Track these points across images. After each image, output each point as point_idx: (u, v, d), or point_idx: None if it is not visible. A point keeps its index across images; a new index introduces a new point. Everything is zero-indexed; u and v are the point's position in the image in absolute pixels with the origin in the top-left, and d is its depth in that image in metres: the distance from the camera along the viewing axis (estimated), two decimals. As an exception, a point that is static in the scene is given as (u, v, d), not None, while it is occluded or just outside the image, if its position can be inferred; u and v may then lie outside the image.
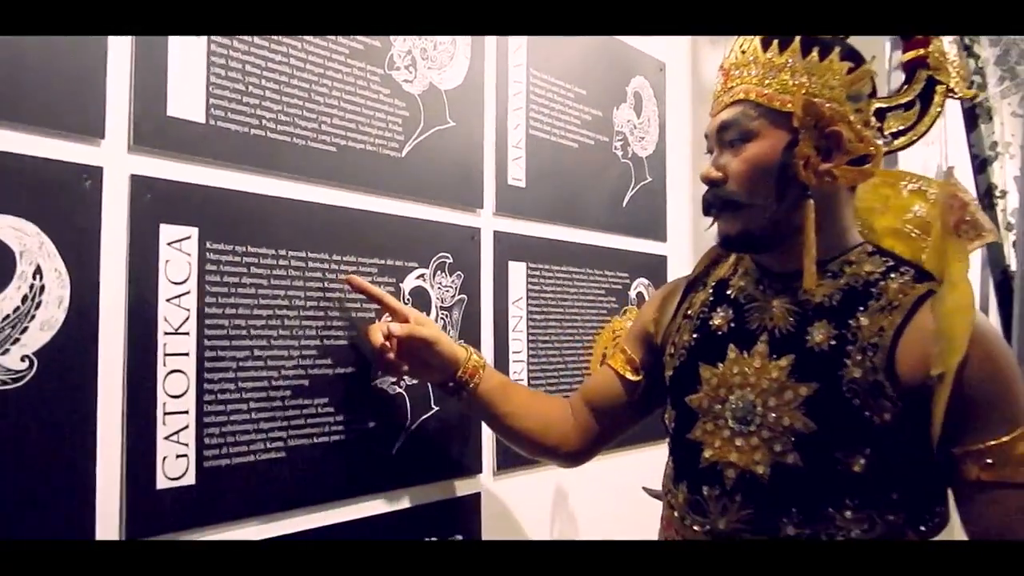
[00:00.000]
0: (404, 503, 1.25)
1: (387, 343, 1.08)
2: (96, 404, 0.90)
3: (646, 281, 1.80)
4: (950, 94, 1.05)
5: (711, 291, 1.07)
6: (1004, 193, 2.14)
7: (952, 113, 2.88)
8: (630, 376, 1.16)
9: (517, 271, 1.50)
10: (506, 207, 1.47)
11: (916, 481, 0.90)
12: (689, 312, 1.08)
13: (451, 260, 1.36)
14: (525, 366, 1.50)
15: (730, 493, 0.94)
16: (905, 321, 0.88)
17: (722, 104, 0.96)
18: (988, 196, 2.11)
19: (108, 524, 0.91)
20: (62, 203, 0.89)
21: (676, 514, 1.02)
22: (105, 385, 0.91)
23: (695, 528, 0.97)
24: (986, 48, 2.19)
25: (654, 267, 1.83)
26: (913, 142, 1.07)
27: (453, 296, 1.36)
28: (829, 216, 0.95)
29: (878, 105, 1.01)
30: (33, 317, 0.85)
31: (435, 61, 1.34)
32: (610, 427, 1.21)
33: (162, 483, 0.95)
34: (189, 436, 0.98)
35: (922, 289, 0.91)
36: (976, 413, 0.84)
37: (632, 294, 1.76)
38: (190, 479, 0.98)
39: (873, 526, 0.89)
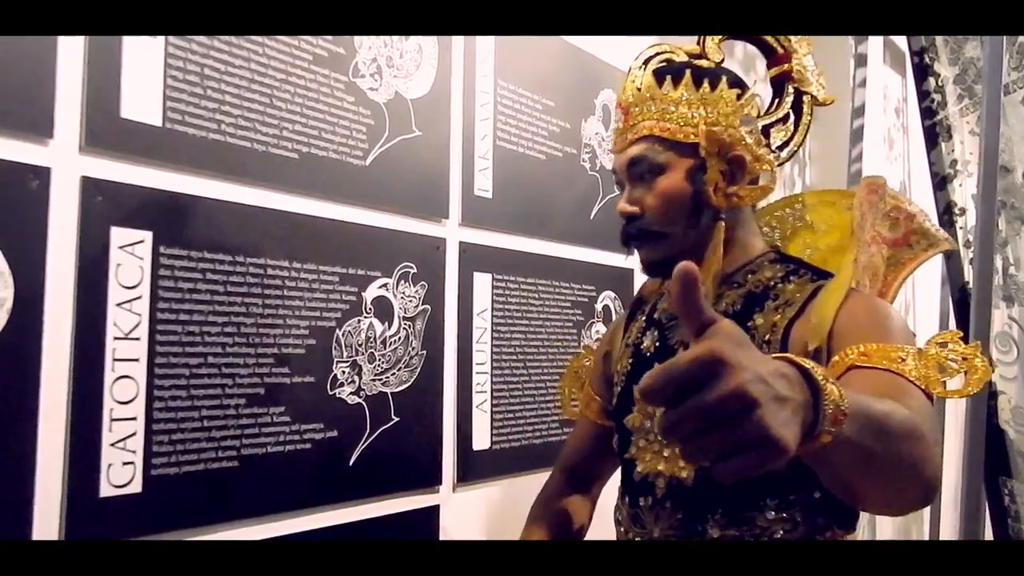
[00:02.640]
0: (361, 515, 1.24)
1: None
2: (38, 408, 0.88)
3: (612, 294, 1.80)
4: (815, 102, 1.13)
5: (644, 317, 1.10)
6: (963, 211, 2.18)
7: (914, 131, 2.95)
8: (602, 422, 1.17)
9: (482, 282, 1.49)
10: (472, 218, 1.47)
11: None
12: (628, 340, 1.11)
13: (415, 270, 1.35)
14: (489, 378, 1.49)
15: (661, 501, 0.97)
16: (796, 316, 0.91)
17: (627, 141, 1.00)
18: (948, 213, 2.15)
19: (46, 531, 0.88)
20: (7, 203, 0.86)
21: (622, 528, 1.05)
22: (48, 389, 0.89)
23: (636, 540, 1.01)
24: (946, 67, 2.24)
25: (621, 280, 1.83)
26: (796, 151, 1.14)
27: (416, 306, 1.35)
28: (735, 232, 1.00)
29: (762, 123, 1.06)
30: (-27, 320, 0.83)
31: (401, 69, 1.33)
32: (602, 475, 1.24)
33: (106, 491, 0.93)
34: (137, 443, 0.96)
35: (815, 285, 0.94)
36: (841, 341, 0.84)
37: (598, 306, 1.76)
38: (136, 487, 0.95)
39: (795, 527, 0.91)
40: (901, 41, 2.85)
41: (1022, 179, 2.04)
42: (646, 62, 1.04)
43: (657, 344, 1.03)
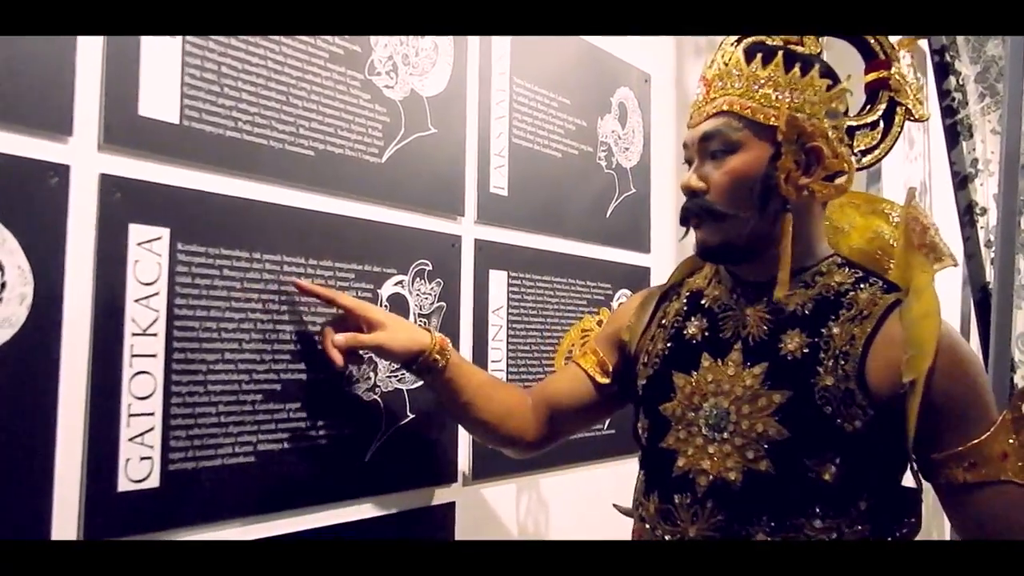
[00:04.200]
0: (376, 511, 1.24)
1: (336, 353, 1.07)
2: (57, 404, 0.89)
3: (629, 292, 1.79)
4: (908, 116, 1.08)
5: (685, 301, 1.07)
6: (984, 210, 2.15)
7: (935, 130, 2.91)
8: (599, 378, 1.15)
9: (498, 280, 1.49)
10: (488, 215, 1.46)
11: (885, 491, 0.92)
12: (663, 321, 1.08)
13: (431, 267, 1.35)
14: (504, 375, 1.48)
15: (701, 501, 0.94)
16: (875, 330, 0.90)
17: (704, 114, 0.96)
18: (968, 213, 2.12)
19: (65, 526, 0.89)
20: (26, 200, 0.87)
21: (647, 526, 1.01)
22: (67, 385, 0.90)
23: (666, 538, 0.97)
24: (967, 66, 2.21)
25: (637, 278, 1.83)
26: (879, 160, 1.10)
27: (432, 303, 1.35)
28: (803, 228, 0.96)
29: (848, 123, 1.02)
30: (-7, 314, 0.83)
31: (417, 67, 1.33)
32: (567, 425, 1.21)
33: (124, 485, 0.93)
34: (154, 438, 0.97)
35: (890, 299, 0.92)
36: (949, 416, 0.86)
37: (614, 304, 1.75)
38: (154, 482, 0.96)
39: (841, 537, 0.89)
40: (922, 40, 2.82)
41: (1045, 178, 2.00)
42: (739, 39, 1.01)
43: (707, 333, 1.00)
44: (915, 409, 0.84)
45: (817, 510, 0.89)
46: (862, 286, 0.95)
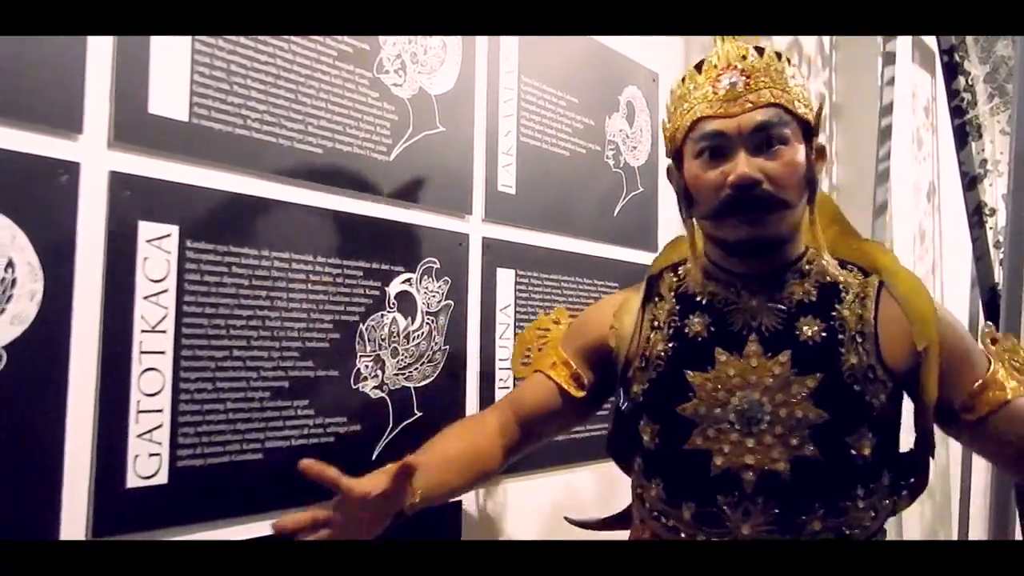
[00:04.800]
0: (384, 510, 1.24)
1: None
2: (66, 400, 0.89)
3: (635, 291, 1.79)
4: None
5: (675, 301, 1.04)
6: (993, 211, 2.14)
7: (944, 130, 2.90)
8: (574, 392, 1.09)
9: (505, 278, 1.49)
10: (495, 213, 1.46)
11: (899, 459, 1.00)
12: (656, 323, 1.04)
13: (438, 265, 1.35)
14: (512, 374, 1.48)
15: (751, 497, 0.92)
16: (877, 310, 0.98)
17: (748, 105, 0.93)
18: (978, 214, 2.11)
19: (74, 522, 0.89)
20: (37, 197, 0.88)
21: (681, 535, 0.96)
22: (77, 381, 0.90)
23: (713, 541, 0.93)
24: (976, 66, 2.20)
25: (644, 277, 1.82)
26: None
27: (439, 301, 1.35)
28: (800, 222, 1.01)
29: None
30: (3, 311, 0.84)
31: (425, 65, 1.33)
32: (537, 437, 1.14)
33: (132, 482, 0.94)
34: (163, 435, 0.97)
35: (875, 280, 1.01)
36: (960, 366, 0.98)
37: (621, 304, 1.75)
38: (162, 478, 0.96)
39: (877, 514, 0.96)
40: (931, 39, 2.80)
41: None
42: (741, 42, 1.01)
43: (713, 329, 0.99)
44: (935, 371, 0.95)
45: (859, 490, 0.94)
46: (844, 271, 1.02)
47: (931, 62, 2.92)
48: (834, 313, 0.97)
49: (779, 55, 0.99)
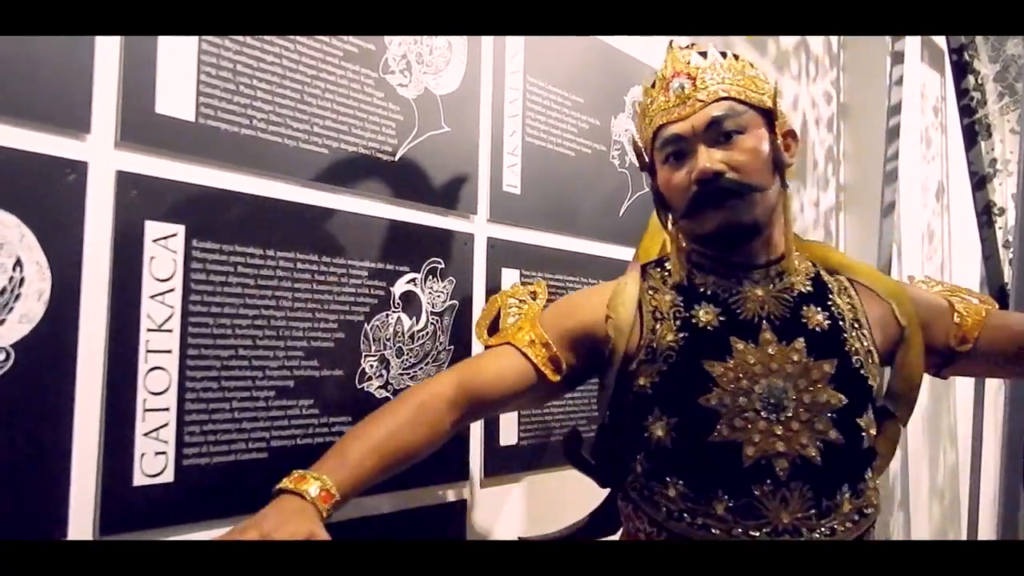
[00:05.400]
0: (388, 507, 1.24)
1: None
2: (74, 398, 0.90)
3: (641, 291, 1.79)
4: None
5: (674, 292, 1.03)
6: (1002, 211, 2.13)
7: (953, 130, 2.88)
8: (550, 375, 1.02)
9: (510, 278, 1.49)
10: (500, 213, 1.47)
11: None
12: (658, 314, 1.02)
13: (443, 265, 1.35)
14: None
15: (786, 483, 0.92)
16: (860, 300, 1.07)
17: (698, 104, 0.98)
18: (986, 213, 2.10)
19: (82, 520, 0.90)
20: (45, 197, 0.88)
21: (713, 531, 0.93)
22: (84, 380, 0.91)
23: (752, 534, 0.91)
24: (986, 65, 2.19)
25: (649, 278, 1.82)
26: None
27: (444, 301, 1.35)
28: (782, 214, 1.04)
29: None
30: (11, 309, 0.84)
31: (431, 66, 1.34)
32: (486, 412, 1.09)
33: (139, 480, 0.94)
34: (169, 433, 0.98)
35: (842, 276, 1.10)
36: (937, 317, 1.09)
37: (626, 304, 1.75)
38: (168, 477, 0.97)
39: (876, 495, 1.01)
40: (940, 39, 2.79)
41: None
42: (688, 47, 1.06)
43: (723, 319, 0.99)
44: (920, 342, 1.06)
45: (868, 471, 1.00)
46: (812, 265, 1.09)
47: (940, 61, 2.90)
48: (830, 303, 1.03)
49: (724, 54, 1.02)
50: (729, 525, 0.92)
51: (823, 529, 0.92)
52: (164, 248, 0.99)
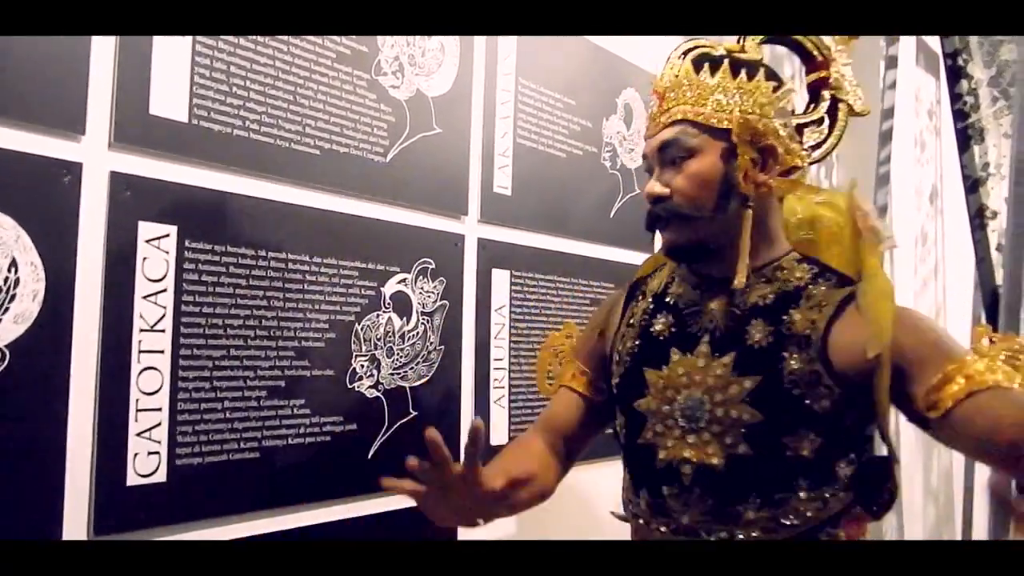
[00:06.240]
0: (379, 507, 1.25)
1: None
2: (68, 399, 0.91)
3: (633, 292, 1.80)
4: (851, 111, 1.14)
5: (651, 300, 1.10)
6: (995, 214, 2.14)
7: (947, 133, 2.89)
8: (594, 396, 1.14)
9: (501, 279, 1.50)
10: (491, 215, 1.48)
11: (862, 461, 0.98)
12: (631, 321, 1.10)
13: (434, 266, 1.36)
14: (506, 373, 1.50)
15: (689, 488, 0.97)
16: (835, 315, 0.96)
17: (660, 125, 1.01)
18: (979, 217, 2.11)
19: (76, 520, 0.91)
20: (40, 198, 0.89)
21: (641, 521, 1.03)
22: (78, 380, 0.92)
23: (661, 530, 1.00)
24: (980, 69, 2.20)
25: (642, 279, 1.83)
26: (829, 153, 1.15)
27: (435, 302, 1.36)
28: (763, 225, 1.01)
29: (796, 121, 1.08)
30: (7, 310, 0.86)
31: (423, 67, 1.35)
32: (580, 447, 1.20)
33: (132, 480, 0.95)
34: (161, 433, 0.99)
35: (846, 291, 0.98)
36: (921, 365, 0.93)
37: (618, 305, 1.76)
38: (161, 477, 0.98)
39: (826, 504, 0.95)
40: (934, 43, 2.80)
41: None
42: (686, 52, 1.06)
43: (674, 329, 1.03)
44: (886, 378, 0.92)
45: (801, 482, 0.95)
46: (820, 281, 1.00)
47: (935, 65, 2.91)
48: (784, 318, 0.97)
49: (722, 59, 1.00)
50: (647, 519, 1.02)
51: (722, 534, 0.96)
52: (157, 249, 1.00)
